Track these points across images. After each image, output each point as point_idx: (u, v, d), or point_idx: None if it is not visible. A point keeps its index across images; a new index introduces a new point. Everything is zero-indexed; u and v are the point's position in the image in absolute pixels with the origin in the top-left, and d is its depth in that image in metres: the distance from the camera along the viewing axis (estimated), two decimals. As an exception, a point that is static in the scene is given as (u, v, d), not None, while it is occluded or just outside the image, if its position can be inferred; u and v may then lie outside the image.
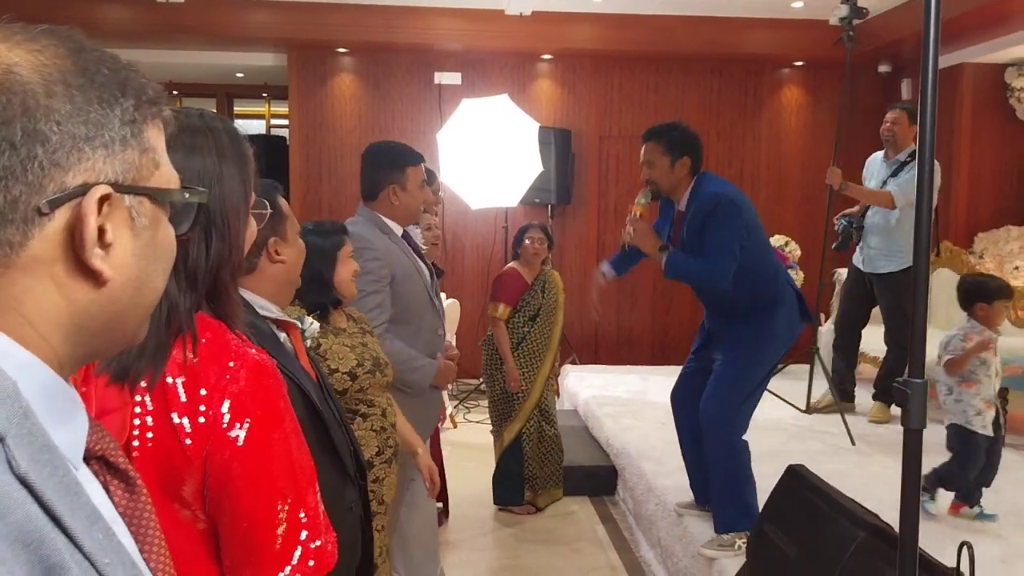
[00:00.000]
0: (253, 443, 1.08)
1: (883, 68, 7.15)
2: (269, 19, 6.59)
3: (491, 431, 4.49)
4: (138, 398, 1.08)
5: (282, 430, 1.11)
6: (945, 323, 5.18)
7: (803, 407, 5.03)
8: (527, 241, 4.36)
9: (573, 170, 7.07)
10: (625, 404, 5.46)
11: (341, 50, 6.93)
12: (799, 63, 7.07)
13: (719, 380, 3.20)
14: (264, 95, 9.13)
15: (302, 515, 1.12)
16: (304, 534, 1.12)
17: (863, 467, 4.13)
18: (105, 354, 0.72)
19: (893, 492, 3.79)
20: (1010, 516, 3.49)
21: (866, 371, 5.66)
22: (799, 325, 3.28)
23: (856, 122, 7.28)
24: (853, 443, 4.46)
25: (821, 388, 5.16)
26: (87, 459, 0.66)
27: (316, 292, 2.14)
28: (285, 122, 8.45)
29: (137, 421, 1.07)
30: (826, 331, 6.44)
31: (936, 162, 4.62)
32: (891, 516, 2.41)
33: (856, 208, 5.06)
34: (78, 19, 6.23)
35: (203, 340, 1.10)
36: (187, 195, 0.71)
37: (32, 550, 0.53)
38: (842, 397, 5.08)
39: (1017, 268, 5.80)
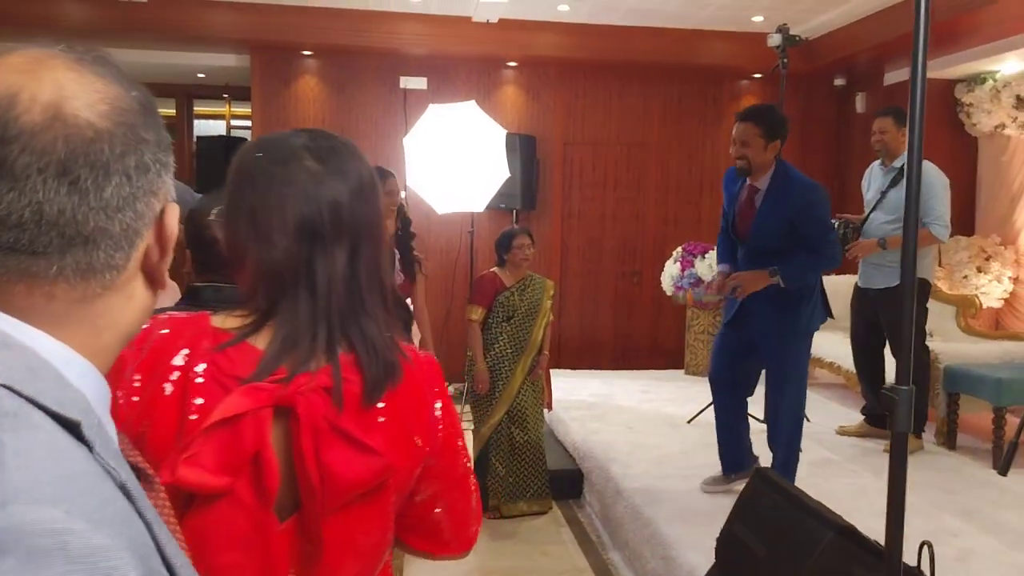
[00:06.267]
0: None
1: (838, 81, 7.34)
2: (232, 20, 6.53)
3: (472, 430, 4.51)
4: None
5: None
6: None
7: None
8: (516, 248, 4.36)
9: (538, 176, 7.13)
10: (591, 408, 5.52)
11: (305, 52, 6.90)
12: (757, 75, 7.23)
13: (776, 377, 3.66)
14: (225, 96, 9.03)
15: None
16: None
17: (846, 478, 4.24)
18: None
19: (867, 502, 3.86)
20: (963, 517, 3.64)
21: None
22: (822, 318, 3.70)
23: (811, 133, 7.46)
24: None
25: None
26: None
27: None
28: (246, 123, 8.38)
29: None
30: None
31: (940, 172, 4.49)
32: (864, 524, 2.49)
33: (854, 215, 4.83)
34: (39, 16, 6.10)
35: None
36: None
37: (143, 561, 0.53)
38: (877, 424, 4.86)
39: (966, 277, 5.99)
